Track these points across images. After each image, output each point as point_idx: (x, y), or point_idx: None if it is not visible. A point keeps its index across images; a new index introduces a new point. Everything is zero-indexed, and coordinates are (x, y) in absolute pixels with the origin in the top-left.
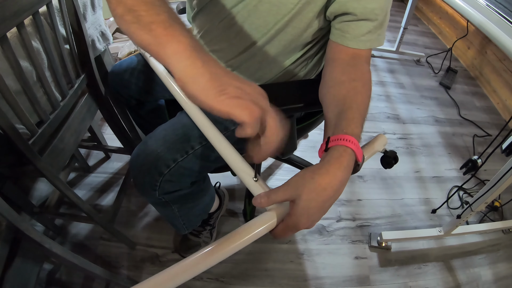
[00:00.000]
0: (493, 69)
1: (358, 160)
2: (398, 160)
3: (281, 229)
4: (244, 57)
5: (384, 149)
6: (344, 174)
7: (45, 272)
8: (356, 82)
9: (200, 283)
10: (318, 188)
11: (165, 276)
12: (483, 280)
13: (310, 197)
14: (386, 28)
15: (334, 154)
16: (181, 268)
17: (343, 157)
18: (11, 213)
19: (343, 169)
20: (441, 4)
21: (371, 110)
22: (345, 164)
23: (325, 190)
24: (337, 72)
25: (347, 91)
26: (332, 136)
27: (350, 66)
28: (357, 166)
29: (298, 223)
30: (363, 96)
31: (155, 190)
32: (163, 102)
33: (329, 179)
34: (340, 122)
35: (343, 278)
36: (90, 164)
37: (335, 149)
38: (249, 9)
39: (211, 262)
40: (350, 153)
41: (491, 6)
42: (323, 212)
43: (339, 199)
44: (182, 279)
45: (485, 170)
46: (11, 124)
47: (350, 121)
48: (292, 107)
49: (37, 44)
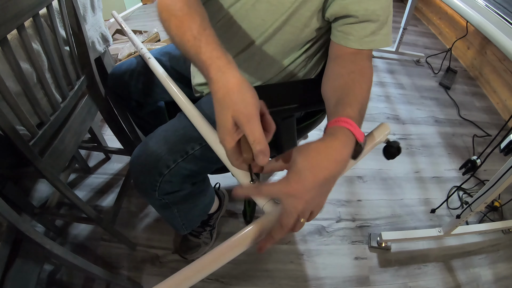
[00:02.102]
0: (492, 69)
1: (358, 140)
2: (401, 151)
3: (282, 219)
4: (243, 57)
5: (387, 139)
6: (339, 151)
7: (46, 273)
8: (354, 74)
9: (200, 283)
10: (312, 160)
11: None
12: (483, 280)
13: (304, 165)
14: (391, 27)
15: (328, 132)
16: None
17: (338, 134)
18: (12, 214)
19: (337, 145)
20: (440, 5)
21: (371, 110)
22: (340, 141)
23: (318, 166)
24: (337, 67)
25: (345, 82)
26: (328, 123)
27: (350, 61)
28: (359, 147)
29: (295, 195)
30: (361, 86)
31: (155, 191)
32: (162, 104)
33: (325, 154)
34: (337, 109)
35: (343, 279)
36: (91, 165)
37: (330, 130)
38: (247, 8)
39: (200, 275)
40: (345, 132)
41: (490, 6)
42: (320, 192)
43: (338, 199)
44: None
45: (484, 170)
46: (12, 126)
47: (346, 106)
48: (287, 107)
49: (37, 46)
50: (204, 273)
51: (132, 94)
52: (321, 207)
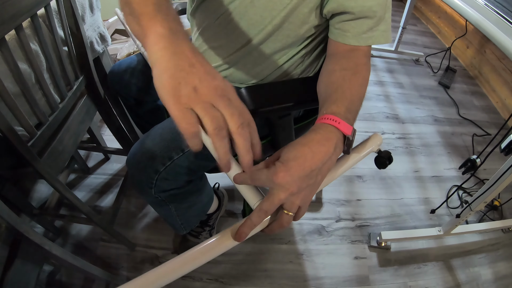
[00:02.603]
0: (492, 68)
1: (344, 133)
2: (393, 160)
3: (262, 203)
4: (242, 53)
5: (379, 149)
6: (322, 143)
7: (45, 274)
8: (346, 71)
9: (200, 283)
10: (297, 152)
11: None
12: (483, 279)
13: (289, 156)
14: (390, 24)
15: (312, 129)
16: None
17: (320, 130)
18: (10, 215)
19: (319, 138)
20: (439, 4)
21: (370, 110)
22: (322, 135)
23: (304, 157)
24: (331, 63)
25: (336, 78)
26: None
27: (345, 57)
28: (348, 140)
29: (281, 184)
30: (351, 83)
31: (151, 188)
32: (161, 102)
33: (309, 146)
34: (323, 106)
35: (343, 278)
36: (90, 166)
37: (313, 127)
38: (246, 5)
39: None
40: (328, 127)
41: (490, 5)
42: (306, 184)
43: (338, 198)
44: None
45: (484, 169)
46: (10, 127)
47: (331, 103)
48: (283, 106)
49: (35, 47)
50: (182, 271)
51: (131, 93)
52: (308, 202)
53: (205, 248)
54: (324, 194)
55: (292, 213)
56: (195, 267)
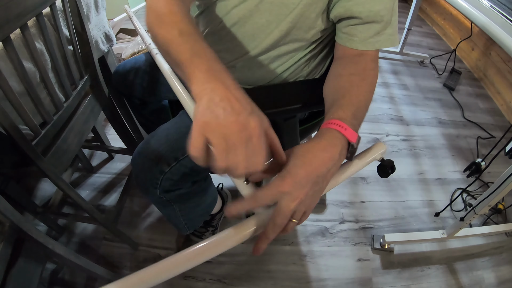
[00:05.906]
0: (497, 70)
1: (349, 140)
2: (395, 169)
3: (276, 218)
4: (247, 57)
5: (382, 158)
6: (327, 149)
7: (48, 272)
8: (354, 76)
9: (202, 284)
10: (303, 159)
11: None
12: (486, 283)
13: (295, 163)
14: (397, 27)
15: (317, 134)
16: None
17: (326, 135)
18: (14, 214)
19: (325, 144)
20: (445, 5)
21: (375, 111)
22: (327, 140)
23: (310, 163)
24: (339, 68)
25: (343, 83)
26: (322, 124)
27: (353, 62)
28: (351, 147)
29: (290, 192)
30: (359, 89)
31: (156, 188)
32: (166, 102)
33: (314, 152)
34: (330, 111)
35: (346, 280)
36: (94, 165)
37: (319, 132)
38: (251, 9)
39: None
40: (334, 133)
41: (495, 7)
42: (313, 190)
43: (341, 200)
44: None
45: (489, 172)
46: (15, 125)
47: (338, 108)
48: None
49: (40, 46)
50: (180, 269)
51: (136, 93)
52: (313, 207)
53: (205, 247)
54: (328, 196)
55: (297, 220)
56: (195, 265)
